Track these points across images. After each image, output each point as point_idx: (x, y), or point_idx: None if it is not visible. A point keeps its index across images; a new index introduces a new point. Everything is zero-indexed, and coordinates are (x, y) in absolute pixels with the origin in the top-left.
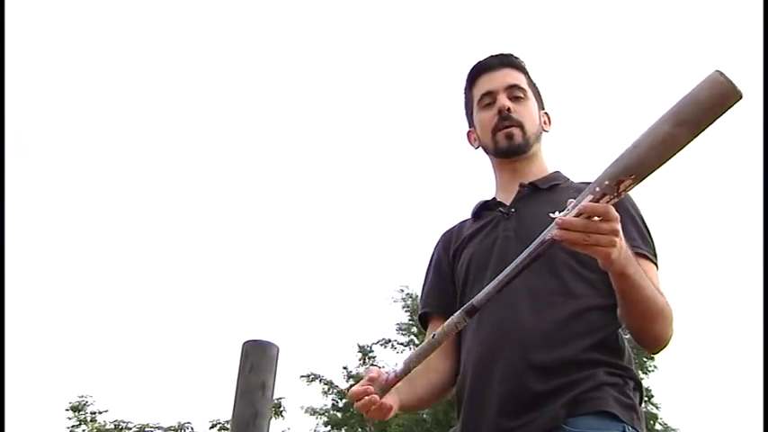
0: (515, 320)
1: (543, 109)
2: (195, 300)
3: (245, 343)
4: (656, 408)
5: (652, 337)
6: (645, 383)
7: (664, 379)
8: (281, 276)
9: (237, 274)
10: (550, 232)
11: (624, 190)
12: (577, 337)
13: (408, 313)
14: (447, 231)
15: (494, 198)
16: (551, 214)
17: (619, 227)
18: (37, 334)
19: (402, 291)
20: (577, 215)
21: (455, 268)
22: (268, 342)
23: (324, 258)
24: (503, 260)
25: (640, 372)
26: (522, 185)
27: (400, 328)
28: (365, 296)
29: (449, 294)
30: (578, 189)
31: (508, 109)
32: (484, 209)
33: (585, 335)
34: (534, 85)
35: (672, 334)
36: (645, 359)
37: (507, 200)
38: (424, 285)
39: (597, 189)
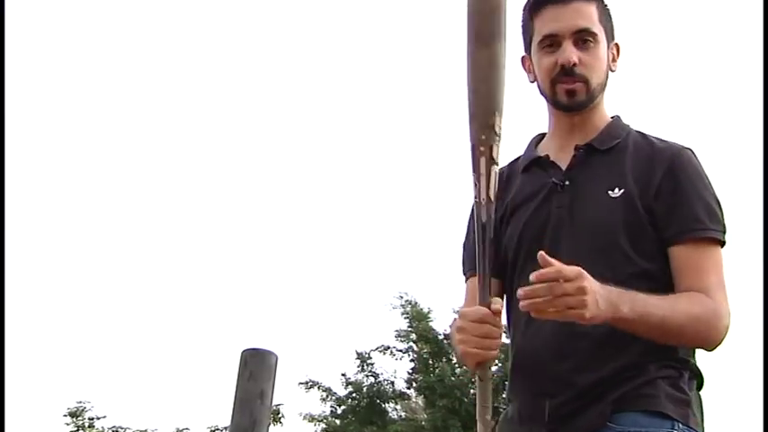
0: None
1: (613, 40)
2: (194, 306)
3: (243, 351)
4: None
5: (691, 346)
6: None
7: None
8: (281, 283)
9: (237, 281)
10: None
11: (500, 129)
12: None
13: (407, 320)
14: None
15: (547, 156)
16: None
17: (586, 283)
18: (36, 340)
19: (401, 297)
20: (536, 281)
21: (503, 232)
22: (267, 351)
23: (322, 266)
24: (555, 247)
25: None
26: (577, 148)
27: (399, 335)
28: (363, 303)
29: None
30: (636, 147)
31: (573, 64)
32: (536, 164)
33: None
34: (606, 12)
35: (718, 334)
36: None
37: (561, 160)
38: (466, 241)
39: (481, 148)
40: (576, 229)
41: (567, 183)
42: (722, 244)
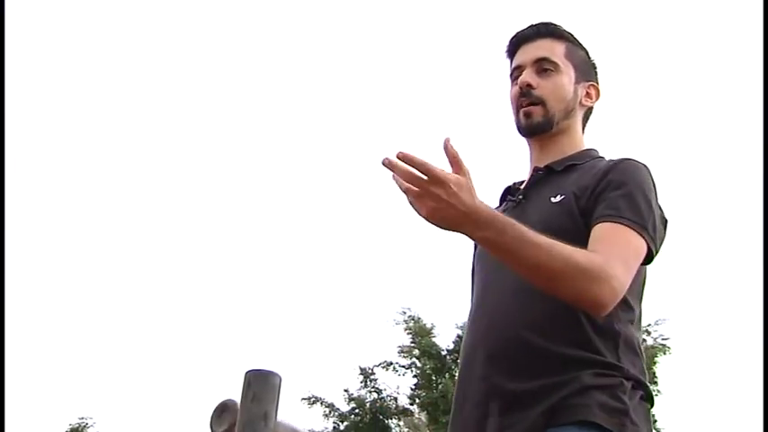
0: (503, 317)
1: (589, 81)
2: (199, 323)
3: (247, 372)
4: None
5: (571, 299)
6: None
7: (667, 402)
8: (285, 299)
9: (242, 298)
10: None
11: None
12: (562, 330)
13: (410, 335)
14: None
15: (515, 183)
16: (552, 199)
17: (449, 177)
18: (38, 356)
19: (404, 313)
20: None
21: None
22: (270, 371)
23: (326, 282)
24: (497, 261)
25: None
26: (536, 169)
27: (402, 351)
28: (367, 319)
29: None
30: (597, 168)
31: (528, 85)
32: (508, 193)
33: (572, 328)
34: (578, 55)
35: (599, 291)
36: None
37: (524, 183)
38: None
39: None
40: None
41: (521, 198)
42: (642, 237)
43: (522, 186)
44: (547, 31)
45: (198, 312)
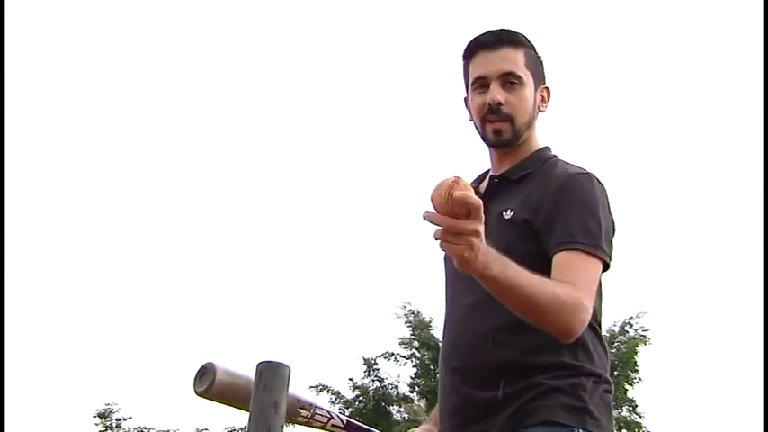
0: (464, 330)
1: (543, 84)
2: (216, 315)
3: (258, 364)
4: (640, 417)
5: (552, 330)
6: (629, 394)
7: (647, 389)
8: (295, 296)
9: (254, 296)
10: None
11: None
12: (520, 338)
13: (410, 328)
14: None
15: (475, 188)
16: (504, 213)
17: (480, 227)
18: (70, 348)
19: (404, 307)
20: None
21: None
22: (280, 363)
23: (331, 279)
24: (453, 276)
25: (625, 383)
26: (492, 178)
27: (402, 342)
28: (370, 313)
29: None
30: (547, 183)
31: (498, 103)
32: None
33: (528, 335)
34: (535, 60)
35: (576, 325)
36: (630, 372)
37: (483, 189)
38: None
39: None
40: None
41: None
42: (598, 258)
43: (478, 188)
44: (508, 39)
45: (215, 308)
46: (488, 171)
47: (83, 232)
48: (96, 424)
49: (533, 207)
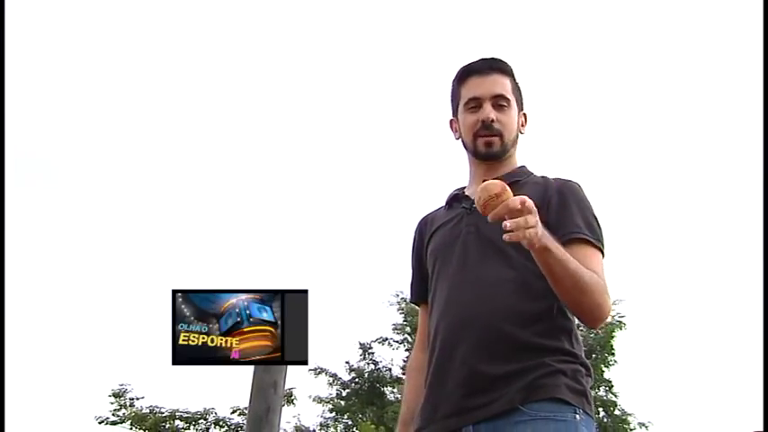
0: (475, 308)
1: (522, 110)
2: None
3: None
4: (615, 396)
5: (587, 309)
6: (606, 376)
7: (622, 371)
8: (294, 288)
9: (256, 287)
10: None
11: None
12: (530, 322)
13: (402, 315)
14: (423, 218)
15: (464, 190)
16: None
17: (537, 217)
18: (88, 333)
19: (397, 295)
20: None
21: (426, 255)
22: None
23: (328, 268)
24: (464, 254)
25: (602, 366)
26: (485, 181)
27: (395, 328)
28: (366, 301)
29: (428, 280)
30: (542, 185)
31: (492, 120)
32: (455, 200)
33: (537, 320)
34: (518, 87)
35: (607, 307)
36: (607, 355)
37: (473, 194)
38: (411, 272)
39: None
40: (481, 239)
41: (475, 207)
42: (601, 252)
43: (471, 196)
44: (498, 67)
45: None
46: (461, 189)
47: (87, 220)
48: (111, 403)
49: (538, 202)
